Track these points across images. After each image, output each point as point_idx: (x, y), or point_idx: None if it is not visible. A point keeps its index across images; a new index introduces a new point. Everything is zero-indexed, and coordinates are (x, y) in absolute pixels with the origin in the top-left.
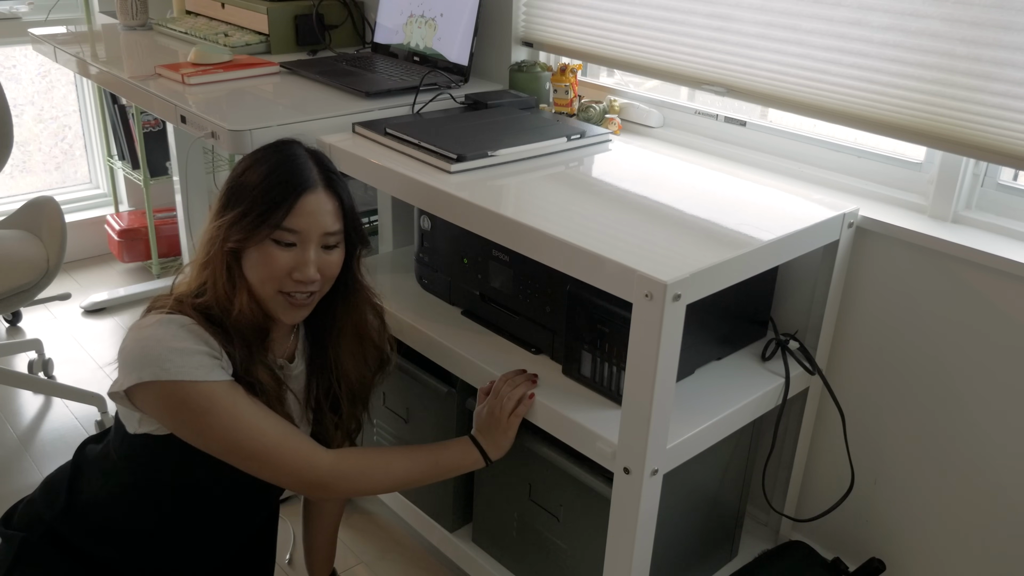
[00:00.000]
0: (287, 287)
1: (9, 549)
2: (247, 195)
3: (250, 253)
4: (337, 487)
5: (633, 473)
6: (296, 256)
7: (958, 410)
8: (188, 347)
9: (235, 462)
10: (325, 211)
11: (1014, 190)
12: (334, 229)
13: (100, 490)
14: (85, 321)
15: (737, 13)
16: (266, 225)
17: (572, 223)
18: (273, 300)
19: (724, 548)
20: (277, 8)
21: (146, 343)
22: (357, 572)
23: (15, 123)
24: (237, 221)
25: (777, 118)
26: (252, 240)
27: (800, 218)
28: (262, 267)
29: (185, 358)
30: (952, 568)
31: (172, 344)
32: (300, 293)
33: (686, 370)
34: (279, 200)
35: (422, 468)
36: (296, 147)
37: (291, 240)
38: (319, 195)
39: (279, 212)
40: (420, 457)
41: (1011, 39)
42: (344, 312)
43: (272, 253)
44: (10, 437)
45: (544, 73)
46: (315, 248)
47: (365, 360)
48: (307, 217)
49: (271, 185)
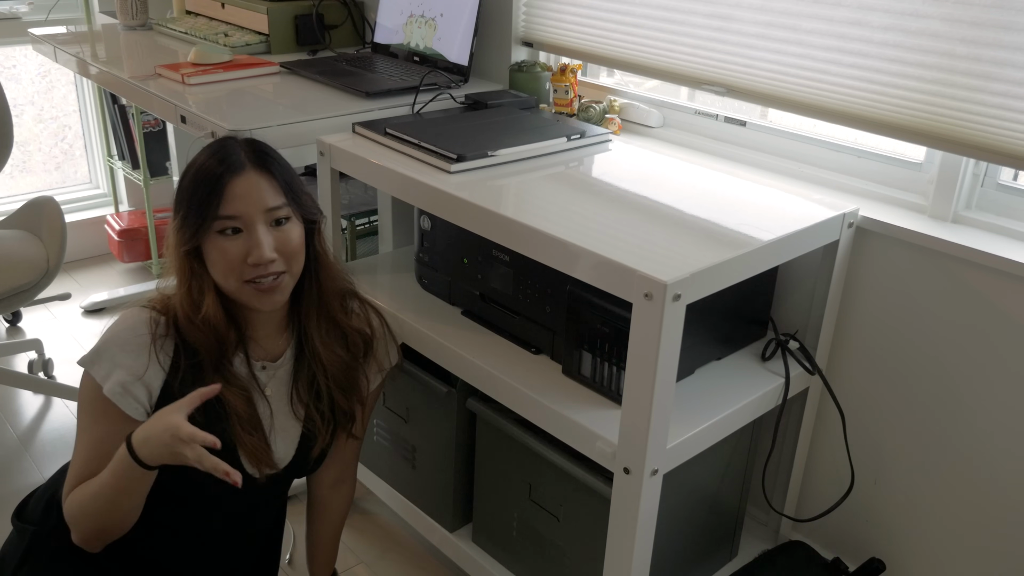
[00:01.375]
0: (248, 274)
1: (21, 541)
2: (183, 197)
3: (207, 252)
4: (75, 533)
5: (633, 473)
6: (245, 241)
7: (958, 410)
8: (120, 360)
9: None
10: (258, 188)
11: (1014, 190)
12: (275, 204)
13: None
14: (85, 321)
15: (737, 13)
16: (206, 220)
17: (572, 223)
18: (240, 291)
19: (724, 548)
20: (277, 8)
21: (104, 335)
22: (357, 572)
23: (15, 123)
24: (181, 225)
25: (777, 118)
26: (199, 238)
27: (800, 218)
28: (219, 262)
29: (111, 365)
30: (952, 568)
31: (113, 347)
32: (263, 278)
33: (686, 370)
34: (208, 191)
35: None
36: (226, 140)
37: (235, 226)
38: (248, 175)
39: (212, 203)
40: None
41: (1011, 39)
42: (311, 291)
43: (222, 245)
44: (10, 437)
45: (544, 73)
46: (263, 227)
47: (345, 343)
48: (240, 200)
49: (199, 180)
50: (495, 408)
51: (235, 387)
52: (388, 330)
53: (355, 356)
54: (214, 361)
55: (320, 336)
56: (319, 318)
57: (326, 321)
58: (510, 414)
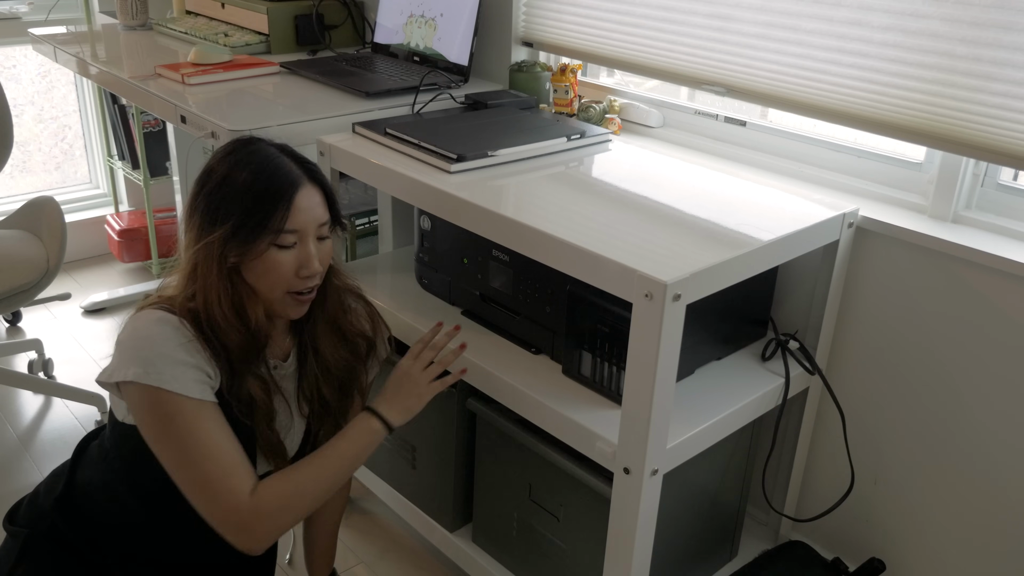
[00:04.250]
0: (296, 286)
1: (14, 545)
2: (236, 206)
3: (253, 263)
4: (262, 531)
5: (633, 473)
6: (297, 254)
7: (958, 410)
8: (180, 358)
9: (178, 482)
10: (316, 204)
11: (1014, 190)
12: (325, 219)
13: (93, 480)
14: (85, 321)
15: (737, 13)
16: (267, 232)
17: (572, 223)
18: (281, 301)
19: (724, 548)
20: (277, 8)
21: (142, 342)
22: (357, 572)
23: (15, 123)
24: (232, 235)
25: (777, 118)
26: (253, 252)
27: (800, 218)
28: (270, 274)
29: (174, 368)
30: (952, 568)
31: (163, 350)
32: (307, 289)
33: (686, 370)
34: (273, 205)
35: (334, 466)
36: (263, 144)
37: (293, 241)
38: (308, 190)
39: (277, 217)
40: (327, 456)
41: (1011, 39)
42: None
43: (276, 259)
44: (10, 437)
45: (544, 73)
46: (313, 241)
47: (349, 347)
48: (303, 214)
49: (261, 192)
50: (495, 408)
51: (261, 384)
52: (380, 322)
53: (358, 356)
54: (245, 360)
55: (327, 339)
56: (325, 321)
57: (331, 323)
58: (510, 414)
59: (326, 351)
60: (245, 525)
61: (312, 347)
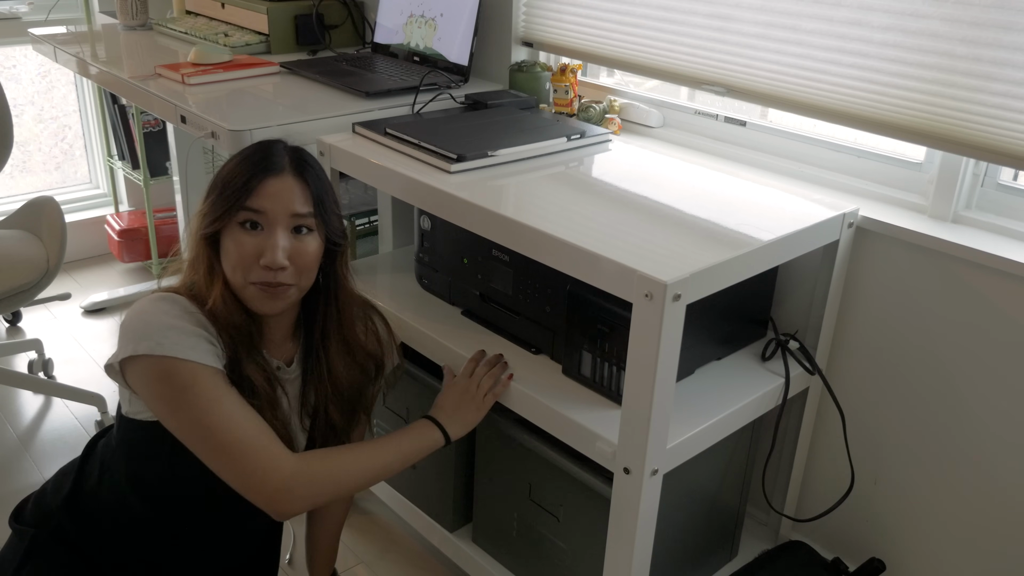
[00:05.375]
0: (256, 275)
1: (20, 544)
2: (217, 183)
3: (224, 242)
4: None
5: (633, 473)
6: (263, 240)
7: (958, 410)
8: (187, 327)
9: (202, 453)
10: (291, 192)
11: (1014, 190)
12: (302, 211)
13: (100, 479)
14: (85, 321)
15: (737, 13)
16: (233, 207)
17: (572, 223)
18: (245, 290)
19: (724, 548)
20: (277, 8)
21: (148, 316)
22: (357, 572)
23: (15, 123)
24: (208, 208)
25: (777, 118)
26: (220, 222)
27: (800, 218)
28: (232, 253)
29: (182, 337)
30: (952, 568)
31: (172, 322)
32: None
33: (686, 370)
34: (243, 181)
35: (386, 459)
36: (275, 142)
37: (256, 220)
38: (285, 178)
39: (243, 193)
40: (383, 448)
41: (1011, 39)
42: (328, 314)
43: (239, 238)
44: (10, 437)
45: (544, 73)
46: (283, 232)
47: (359, 368)
48: (271, 198)
49: (239, 170)
50: (495, 408)
51: (262, 373)
52: (391, 334)
53: (368, 376)
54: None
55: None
56: (336, 340)
57: (342, 343)
58: (510, 414)
59: (339, 370)
60: (286, 485)
61: (325, 365)
